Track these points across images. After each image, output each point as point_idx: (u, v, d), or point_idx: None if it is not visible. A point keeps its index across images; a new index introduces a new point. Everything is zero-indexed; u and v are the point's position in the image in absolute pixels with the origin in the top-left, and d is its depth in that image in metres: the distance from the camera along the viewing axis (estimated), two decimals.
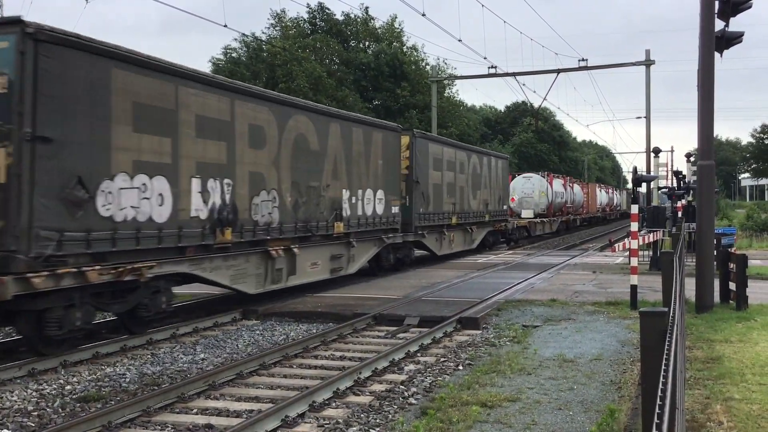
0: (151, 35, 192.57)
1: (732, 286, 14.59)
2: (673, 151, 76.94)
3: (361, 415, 7.67)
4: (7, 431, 7.29)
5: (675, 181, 29.62)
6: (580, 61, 35.70)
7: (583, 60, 35.65)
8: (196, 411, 7.95)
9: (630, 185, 18.43)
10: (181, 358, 10.57)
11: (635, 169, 17.75)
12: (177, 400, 8.19)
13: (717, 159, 18.32)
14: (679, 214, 24.36)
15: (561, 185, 46.35)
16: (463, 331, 12.46)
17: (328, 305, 14.56)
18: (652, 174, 27.20)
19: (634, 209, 15.59)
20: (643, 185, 20.11)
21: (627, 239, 17.69)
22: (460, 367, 9.79)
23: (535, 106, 67.28)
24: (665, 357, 3.90)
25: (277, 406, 7.54)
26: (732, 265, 14.63)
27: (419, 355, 10.67)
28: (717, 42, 14.32)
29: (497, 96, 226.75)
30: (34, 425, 7.48)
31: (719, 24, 14.33)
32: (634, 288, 14.42)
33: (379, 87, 54.16)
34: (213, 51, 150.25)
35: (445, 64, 59.75)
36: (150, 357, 10.64)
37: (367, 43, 58.68)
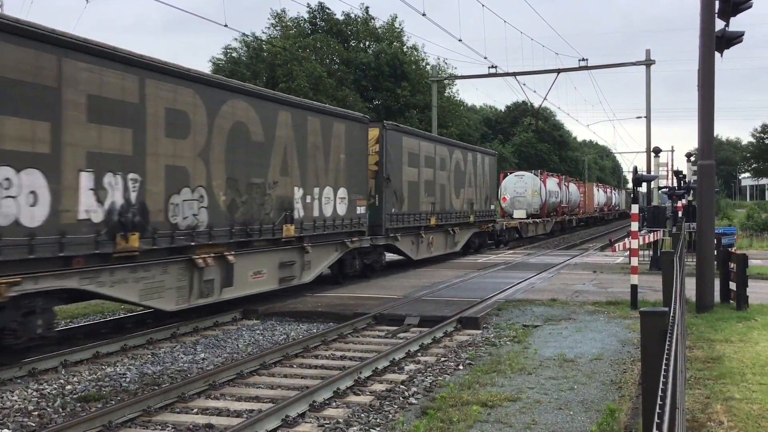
0: (152, 35, 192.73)
1: (732, 285, 14.60)
2: (673, 150, 77.16)
3: (362, 415, 7.68)
4: (7, 431, 7.29)
5: (675, 180, 29.65)
6: (580, 60, 35.77)
7: (583, 60, 35.72)
8: (196, 411, 7.95)
9: (630, 185, 18.41)
10: (182, 358, 10.58)
11: (635, 169, 17.75)
12: (177, 400, 8.20)
13: (717, 159, 18.31)
14: (680, 214, 24.38)
15: (555, 184, 44.42)
16: (464, 330, 12.46)
17: (328, 305, 14.57)
18: (653, 174, 27.19)
19: (635, 209, 15.60)
20: (644, 185, 20.09)
21: (627, 239, 17.69)
22: (461, 367, 9.79)
23: (536, 105, 67.34)
24: (665, 357, 3.90)
25: (278, 405, 7.54)
26: (732, 265, 14.64)
27: (420, 354, 10.67)
28: (717, 42, 14.33)
29: (497, 96, 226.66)
30: (34, 425, 7.48)
31: (719, 24, 14.36)
32: (635, 288, 14.43)
33: (380, 87, 54.21)
34: (214, 51, 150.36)
35: (446, 63, 59.88)
36: (150, 357, 10.65)
37: (367, 42, 58.73)
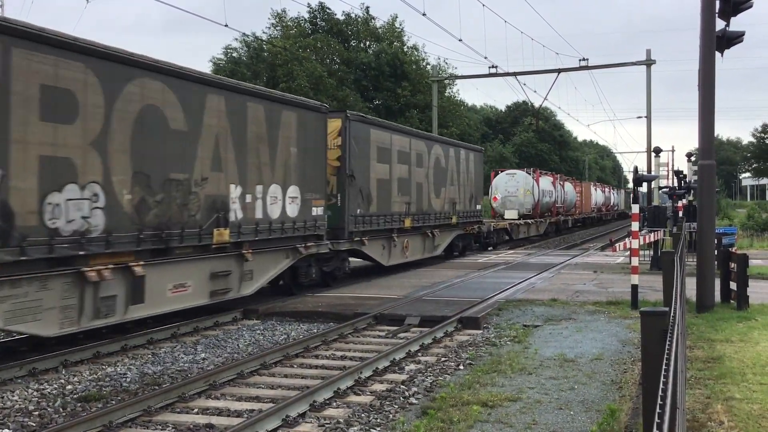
0: (152, 35, 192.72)
1: (733, 285, 14.59)
2: (673, 150, 77.19)
3: (362, 415, 7.67)
4: (8, 431, 7.29)
5: (676, 180, 29.64)
6: (580, 60, 35.78)
7: (583, 60, 35.72)
8: (196, 411, 7.96)
9: (631, 185, 18.43)
10: (182, 358, 10.58)
11: (636, 169, 17.77)
12: (178, 400, 8.20)
13: (718, 158, 18.30)
14: (680, 214, 24.37)
15: (549, 183, 42.37)
16: (464, 330, 12.46)
17: (328, 305, 14.57)
18: (653, 174, 27.18)
19: (635, 209, 15.60)
20: (644, 185, 20.08)
21: (628, 239, 17.69)
22: (461, 367, 9.79)
23: (536, 105, 67.27)
24: (666, 357, 3.90)
25: (278, 405, 7.54)
26: (733, 265, 14.64)
27: (420, 354, 10.67)
28: (718, 41, 14.32)
29: (498, 96, 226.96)
30: (35, 425, 7.48)
31: (720, 23, 14.35)
32: (635, 288, 14.42)
33: (380, 87, 54.23)
34: (214, 51, 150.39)
35: (446, 63, 59.93)
36: (151, 356, 10.65)
37: (367, 42, 58.75)
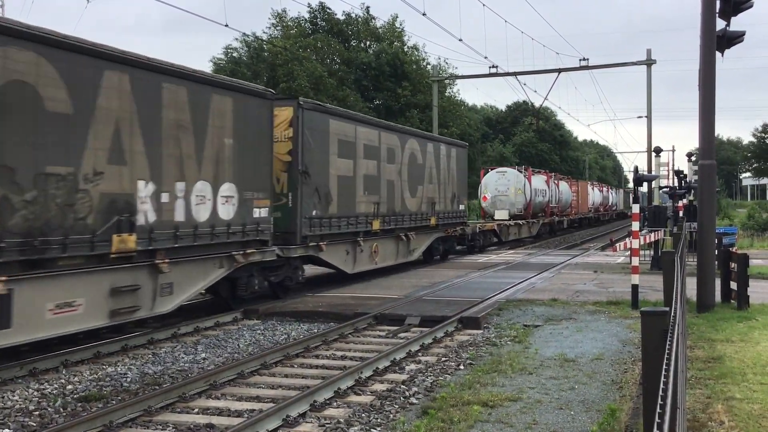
0: (152, 35, 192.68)
1: (733, 285, 14.59)
2: (674, 150, 77.11)
3: (363, 415, 7.67)
4: (8, 431, 7.30)
5: (676, 180, 29.63)
6: (581, 60, 35.77)
7: (584, 59, 35.71)
8: (197, 411, 7.95)
9: (631, 184, 18.43)
10: (183, 358, 10.58)
11: (636, 169, 17.77)
12: (178, 400, 8.20)
13: (718, 158, 18.31)
14: (680, 214, 24.37)
15: (543, 182, 40.56)
16: (464, 330, 12.45)
17: (328, 305, 14.56)
18: (654, 173, 27.18)
19: (635, 209, 15.59)
20: (645, 185, 20.08)
21: (628, 239, 17.69)
22: (461, 367, 9.79)
23: (536, 105, 67.36)
24: (666, 356, 3.90)
25: (278, 405, 7.54)
26: (733, 265, 14.63)
27: (420, 354, 10.67)
28: (718, 41, 14.32)
29: (498, 95, 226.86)
30: (35, 425, 7.48)
31: (720, 23, 14.35)
32: (635, 287, 14.42)
33: (380, 87, 54.24)
34: (214, 51, 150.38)
35: (446, 63, 60.10)
36: (151, 356, 10.65)
37: (368, 42, 58.78)
